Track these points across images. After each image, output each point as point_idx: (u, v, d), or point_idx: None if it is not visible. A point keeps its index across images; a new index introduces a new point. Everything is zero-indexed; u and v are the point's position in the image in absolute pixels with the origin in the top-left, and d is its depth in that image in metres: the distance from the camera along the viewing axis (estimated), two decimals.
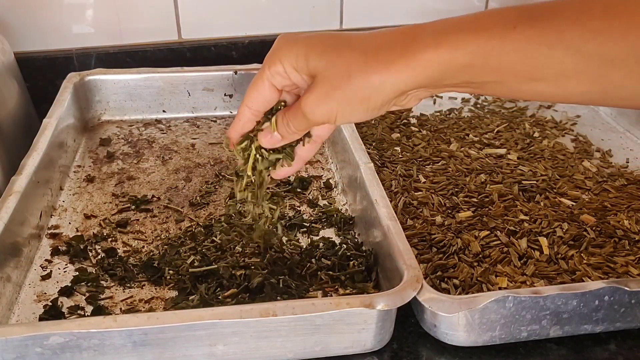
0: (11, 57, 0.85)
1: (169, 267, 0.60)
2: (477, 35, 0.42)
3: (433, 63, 0.42)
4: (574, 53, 0.40)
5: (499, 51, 0.41)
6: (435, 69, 0.43)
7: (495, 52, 0.41)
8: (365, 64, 0.44)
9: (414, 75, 0.43)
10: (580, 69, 0.40)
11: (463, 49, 0.42)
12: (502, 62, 0.42)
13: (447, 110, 0.93)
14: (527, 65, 0.41)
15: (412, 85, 0.44)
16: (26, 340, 0.46)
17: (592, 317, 0.53)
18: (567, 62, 0.40)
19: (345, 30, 1.03)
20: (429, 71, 0.43)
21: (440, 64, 0.42)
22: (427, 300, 0.50)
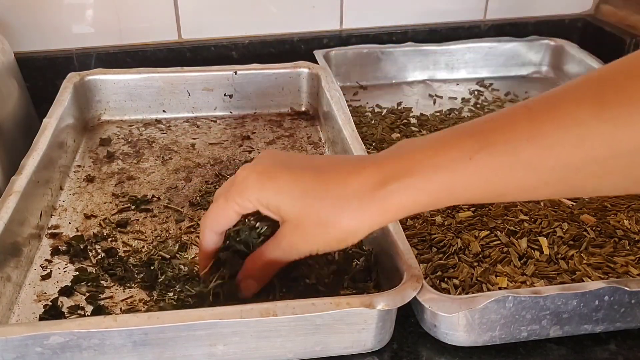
0: (11, 57, 0.85)
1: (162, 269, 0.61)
2: (436, 173, 0.44)
3: (401, 206, 0.45)
4: (534, 170, 0.42)
5: (460, 183, 0.44)
6: (404, 210, 0.46)
7: (457, 185, 0.44)
8: (334, 213, 0.46)
9: (385, 217, 0.47)
10: (543, 181, 0.42)
11: (426, 190, 0.44)
12: (466, 192, 0.44)
13: (447, 110, 0.93)
14: (490, 188, 0.44)
15: (385, 223, 0.49)
16: (26, 340, 0.46)
17: (592, 317, 0.53)
18: (529, 178, 0.42)
19: (345, 30, 1.03)
20: (399, 212, 0.46)
21: (408, 206, 0.45)
22: (427, 300, 0.50)
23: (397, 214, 0.46)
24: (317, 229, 0.47)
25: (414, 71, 1.02)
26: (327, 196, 0.47)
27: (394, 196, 0.45)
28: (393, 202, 0.45)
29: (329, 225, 0.47)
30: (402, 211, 0.46)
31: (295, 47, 1.01)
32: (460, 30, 1.06)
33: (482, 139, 0.43)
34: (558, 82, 1.02)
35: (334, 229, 0.47)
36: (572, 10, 1.10)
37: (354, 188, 0.46)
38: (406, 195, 0.45)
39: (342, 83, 0.99)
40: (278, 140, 0.85)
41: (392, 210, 0.46)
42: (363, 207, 0.46)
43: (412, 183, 0.44)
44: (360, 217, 0.46)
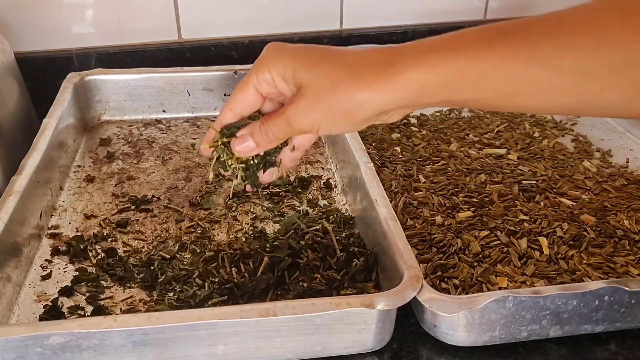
0: (11, 57, 0.85)
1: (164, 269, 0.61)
2: (453, 55, 0.43)
3: (413, 83, 0.44)
4: (549, 68, 0.41)
5: (475, 69, 0.43)
6: (414, 89, 0.44)
7: (471, 70, 0.43)
8: (348, 80, 0.45)
9: (394, 94, 0.45)
10: (556, 84, 0.42)
11: (440, 69, 0.43)
12: (479, 80, 0.43)
13: (447, 110, 0.93)
14: (503, 81, 0.43)
15: (392, 104, 0.46)
16: (26, 340, 0.46)
17: (592, 317, 0.53)
18: (542, 77, 0.41)
19: (345, 30, 1.03)
20: (409, 91, 0.44)
21: (420, 84, 0.44)
22: (427, 300, 0.50)
23: (407, 91, 0.44)
24: (326, 95, 0.46)
25: None
26: (343, 64, 0.46)
27: (406, 71, 0.44)
28: (404, 77, 0.44)
29: (338, 92, 0.45)
30: (412, 88, 0.44)
31: None
32: None
33: (503, 31, 0.43)
34: None
35: (343, 96, 0.45)
36: None
37: (371, 59, 0.45)
38: (419, 71, 0.44)
39: None
40: None
41: (401, 87, 0.44)
42: (375, 78, 0.44)
43: (426, 59, 0.43)
44: (370, 88, 0.45)
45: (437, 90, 0.44)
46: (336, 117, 0.47)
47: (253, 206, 0.71)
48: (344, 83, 0.45)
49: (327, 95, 0.46)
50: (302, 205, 0.71)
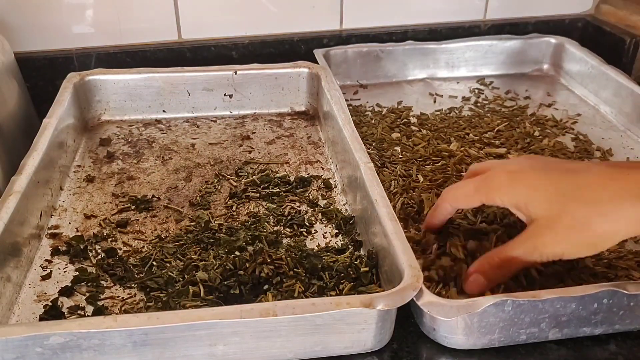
0: (11, 57, 0.85)
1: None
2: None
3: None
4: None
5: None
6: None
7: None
8: (589, 217, 0.46)
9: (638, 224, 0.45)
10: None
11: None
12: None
13: (447, 109, 0.93)
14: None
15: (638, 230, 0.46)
16: (26, 340, 0.46)
17: (591, 320, 0.53)
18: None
19: (345, 30, 1.03)
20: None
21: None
22: (426, 304, 0.50)
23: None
24: (568, 231, 0.46)
25: (414, 70, 1.02)
26: (583, 198, 0.46)
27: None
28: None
29: (581, 228, 0.46)
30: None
31: (295, 47, 1.01)
32: (460, 30, 1.06)
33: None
34: (559, 79, 1.02)
35: (587, 232, 0.46)
36: (572, 10, 1.10)
37: (612, 192, 0.45)
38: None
39: (342, 82, 0.99)
40: (278, 140, 0.85)
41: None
42: (620, 212, 0.45)
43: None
44: (615, 222, 0.45)
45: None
46: (580, 248, 0.48)
47: (253, 206, 0.71)
48: (584, 221, 0.46)
49: (568, 232, 0.47)
50: (302, 205, 0.71)
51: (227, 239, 0.63)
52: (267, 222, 0.68)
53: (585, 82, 0.97)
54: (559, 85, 1.02)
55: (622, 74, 0.91)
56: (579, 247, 0.47)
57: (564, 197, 0.47)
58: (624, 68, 0.97)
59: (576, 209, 0.46)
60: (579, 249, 0.48)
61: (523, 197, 0.48)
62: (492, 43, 1.03)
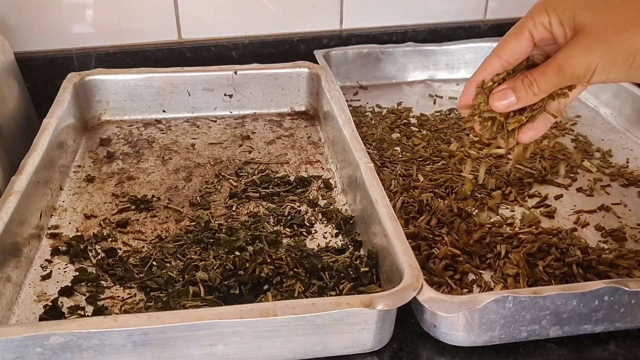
0: (11, 57, 0.85)
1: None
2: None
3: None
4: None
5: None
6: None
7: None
8: (638, 19, 0.43)
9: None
10: None
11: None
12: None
13: (447, 110, 0.93)
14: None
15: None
16: (26, 340, 0.46)
17: (592, 317, 0.53)
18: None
19: (345, 30, 1.03)
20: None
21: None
22: (427, 300, 0.50)
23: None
24: (611, 35, 0.44)
25: (414, 71, 1.02)
26: (632, 4, 0.44)
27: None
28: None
29: (625, 33, 0.43)
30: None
31: (295, 47, 1.01)
32: (460, 30, 1.06)
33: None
34: None
35: (630, 37, 0.43)
36: None
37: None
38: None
39: (342, 83, 0.99)
40: (278, 140, 0.85)
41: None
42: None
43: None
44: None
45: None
46: (617, 59, 0.45)
47: (253, 206, 0.71)
48: (632, 22, 0.43)
49: (611, 35, 0.44)
50: (302, 205, 0.71)
51: (227, 239, 0.63)
52: (267, 222, 0.67)
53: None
54: None
55: None
56: (616, 56, 0.44)
57: (614, 2, 0.45)
58: None
59: (626, 10, 0.44)
60: (616, 60, 0.44)
61: (570, 5, 0.46)
62: (492, 45, 1.00)
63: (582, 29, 0.45)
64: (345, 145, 0.73)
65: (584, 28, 0.45)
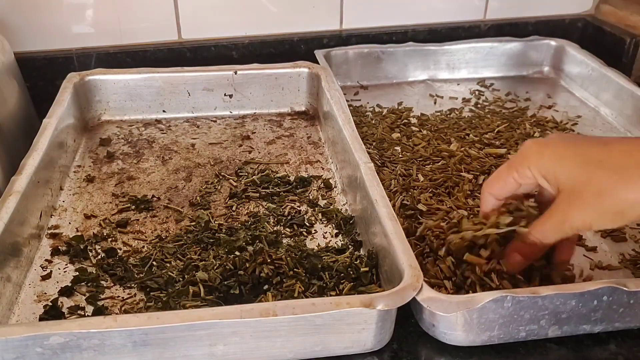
0: (11, 57, 0.85)
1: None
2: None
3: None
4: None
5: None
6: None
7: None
8: (615, 183, 0.45)
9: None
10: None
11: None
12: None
13: (447, 110, 0.93)
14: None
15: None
16: (26, 340, 0.46)
17: (591, 317, 0.53)
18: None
19: (345, 30, 1.03)
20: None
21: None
22: (425, 300, 0.50)
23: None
24: (595, 200, 0.46)
25: (415, 71, 1.02)
26: (608, 166, 0.46)
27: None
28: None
29: (607, 196, 0.45)
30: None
31: (295, 47, 1.01)
32: (460, 30, 1.06)
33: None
34: (559, 82, 1.02)
35: (613, 200, 0.45)
36: (572, 10, 1.10)
37: (637, 159, 0.45)
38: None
39: (343, 83, 1.00)
40: (278, 140, 0.85)
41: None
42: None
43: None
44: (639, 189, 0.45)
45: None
46: (608, 217, 0.47)
47: (253, 206, 0.71)
48: (610, 188, 0.46)
49: (595, 200, 0.46)
50: (302, 205, 0.71)
51: (227, 239, 0.63)
52: (267, 222, 0.68)
53: (585, 84, 0.97)
54: (560, 87, 1.02)
55: (622, 76, 0.91)
56: (606, 216, 0.47)
57: (590, 166, 0.47)
58: (624, 68, 0.97)
59: (602, 176, 0.46)
60: (607, 218, 0.47)
61: (551, 166, 0.48)
62: (493, 45, 1.03)
63: (565, 190, 0.48)
64: (345, 145, 0.73)
65: (566, 190, 0.48)
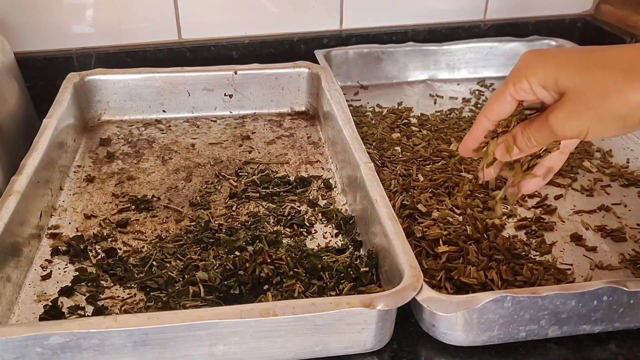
0: (11, 57, 0.85)
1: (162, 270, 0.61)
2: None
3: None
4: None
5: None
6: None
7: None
8: (622, 83, 0.43)
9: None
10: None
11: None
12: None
13: (447, 110, 0.93)
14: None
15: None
16: (26, 340, 0.46)
17: (591, 318, 0.53)
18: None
19: (345, 30, 1.03)
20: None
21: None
22: (426, 300, 0.50)
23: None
24: (596, 101, 0.43)
25: (415, 71, 1.02)
26: (614, 65, 0.43)
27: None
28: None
29: (611, 97, 0.43)
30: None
31: (295, 47, 1.01)
32: (460, 30, 1.06)
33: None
34: None
35: (617, 101, 0.43)
36: (572, 10, 1.10)
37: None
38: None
39: (343, 83, 1.00)
40: (278, 140, 0.85)
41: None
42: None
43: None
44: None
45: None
46: (608, 122, 0.44)
47: (253, 206, 0.71)
48: (616, 87, 0.43)
49: (598, 102, 0.44)
50: (302, 205, 0.71)
51: (227, 239, 0.63)
52: (267, 222, 0.68)
53: None
54: None
55: None
56: (606, 121, 0.44)
57: (596, 65, 0.44)
58: None
59: (608, 74, 0.43)
60: (606, 124, 0.44)
61: (552, 70, 0.45)
62: (493, 45, 1.03)
63: (567, 92, 0.45)
64: (345, 145, 0.73)
65: (569, 92, 0.45)
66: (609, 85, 0.43)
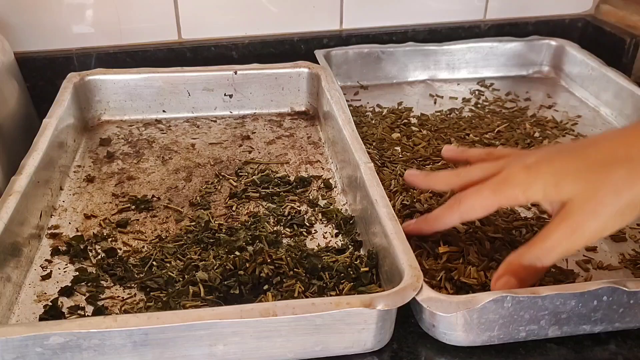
0: (11, 57, 0.85)
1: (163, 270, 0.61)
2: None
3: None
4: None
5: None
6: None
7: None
8: (629, 178, 0.43)
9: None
10: None
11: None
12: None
13: (447, 110, 0.93)
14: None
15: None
16: (26, 340, 0.46)
17: (591, 318, 0.53)
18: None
19: (345, 30, 1.03)
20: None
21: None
22: (425, 300, 0.50)
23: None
24: (613, 198, 0.43)
25: (415, 71, 1.02)
26: (618, 160, 0.43)
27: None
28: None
29: (626, 190, 0.43)
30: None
31: (295, 47, 1.01)
32: (460, 30, 1.06)
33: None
34: (559, 82, 1.03)
35: (631, 194, 0.43)
36: (572, 10, 1.10)
37: (624, 153, 0.43)
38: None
39: (343, 83, 1.00)
40: (278, 140, 0.85)
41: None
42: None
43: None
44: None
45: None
46: (625, 214, 0.45)
47: (253, 206, 0.71)
48: (625, 184, 0.44)
49: (612, 199, 0.44)
50: (302, 205, 0.71)
51: (227, 239, 0.63)
52: (267, 222, 0.68)
53: (585, 84, 0.97)
54: (560, 87, 1.02)
55: (622, 76, 0.91)
56: (624, 213, 0.44)
57: (598, 165, 0.44)
58: (624, 68, 0.97)
59: (615, 171, 0.43)
60: (623, 214, 0.44)
61: (552, 182, 0.45)
62: (493, 45, 1.03)
63: (574, 198, 0.46)
64: (345, 145, 0.73)
65: (577, 197, 0.45)
66: (619, 184, 0.44)
